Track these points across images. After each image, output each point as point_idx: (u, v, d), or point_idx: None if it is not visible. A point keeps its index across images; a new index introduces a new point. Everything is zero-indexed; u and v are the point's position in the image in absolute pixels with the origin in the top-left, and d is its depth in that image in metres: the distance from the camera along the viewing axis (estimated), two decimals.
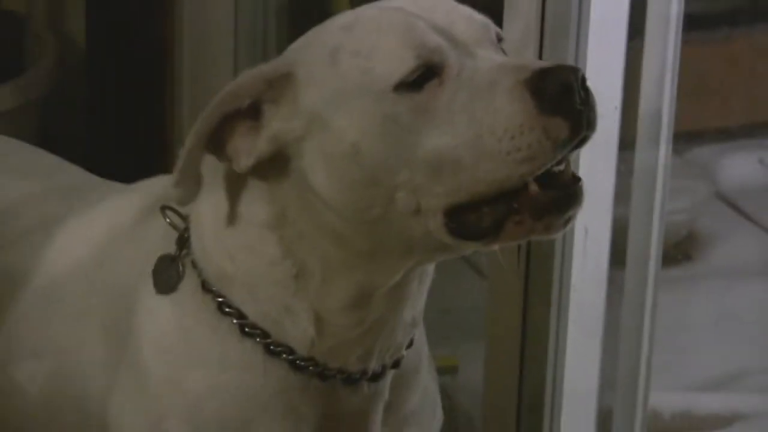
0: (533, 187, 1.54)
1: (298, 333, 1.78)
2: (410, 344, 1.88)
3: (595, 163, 2.06)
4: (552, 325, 2.19)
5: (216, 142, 1.71)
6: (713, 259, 3.70)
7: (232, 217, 1.79)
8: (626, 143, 2.10)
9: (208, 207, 1.80)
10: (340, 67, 1.67)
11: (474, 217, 1.60)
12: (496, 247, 1.63)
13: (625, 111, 2.08)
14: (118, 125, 3.22)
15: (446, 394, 2.74)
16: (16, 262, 2.01)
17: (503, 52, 1.68)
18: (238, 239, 1.79)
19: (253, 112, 1.70)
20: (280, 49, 2.90)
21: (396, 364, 1.86)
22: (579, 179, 1.57)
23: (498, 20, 1.94)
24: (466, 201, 1.58)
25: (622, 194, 2.13)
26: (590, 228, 2.12)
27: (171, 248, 1.85)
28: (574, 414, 2.26)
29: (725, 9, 3.71)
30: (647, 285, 2.15)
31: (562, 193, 1.57)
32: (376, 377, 1.83)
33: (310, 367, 1.80)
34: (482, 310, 2.34)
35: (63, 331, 1.95)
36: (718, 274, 3.58)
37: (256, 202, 1.77)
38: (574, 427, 2.27)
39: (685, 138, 2.07)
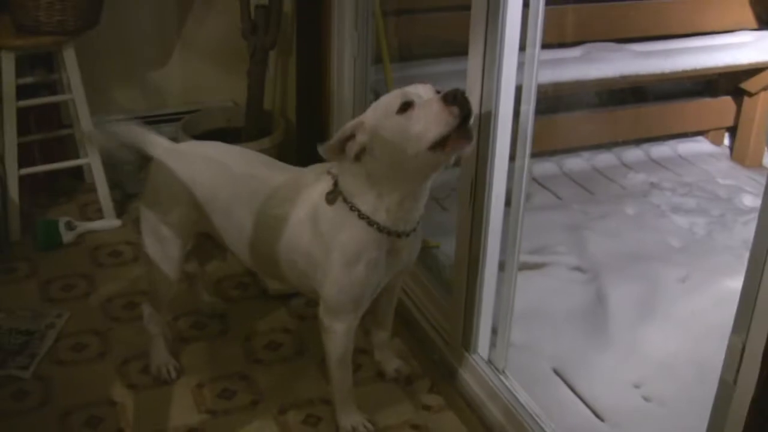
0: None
1: (381, 216, 2.09)
2: (417, 225, 2.19)
3: (501, 167, 2.24)
4: (484, 227, 2.32)
5: (340, 149, 2.04)
6: (533, 201, 3.71)
7: (354, 175, 2.07)
8: (512, 158, 2.22)
9: (345, 176, 2.09)
10: (379, 110, 2.00)
11: (439, 144, 1.92)
12: (451, 159, 2.00)
13: (512, 146, 2.21)
14: (304, 155, 2.89)
15: (436, 258, 3.02)
16: (285, 211, 2.23)
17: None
18: (357, 183, 2.08)
19: (352, 136, 2.03)
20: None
21: (414, 230, 2.18)
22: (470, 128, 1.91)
23: None
24: (434, 140, 1.92)
25: (510, 179, 2.25)
26: (497, 192, 2.27)
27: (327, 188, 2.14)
28: (492, 263, 2.37)
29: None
30: (519, 209, 2.26)
31: (465, 128, 1.91)
32: (408, 234, 2.16)
33: (385, 230, 2.11)
34: (453, 222, 2.47)
35: (304, 238, 2.20)
36: (537, 208, 3.62)
37: (359, 170, 2.06)
38: (491, 267, 2.38)
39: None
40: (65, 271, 3.24)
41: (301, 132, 3.58)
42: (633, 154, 4.29)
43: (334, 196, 2.13)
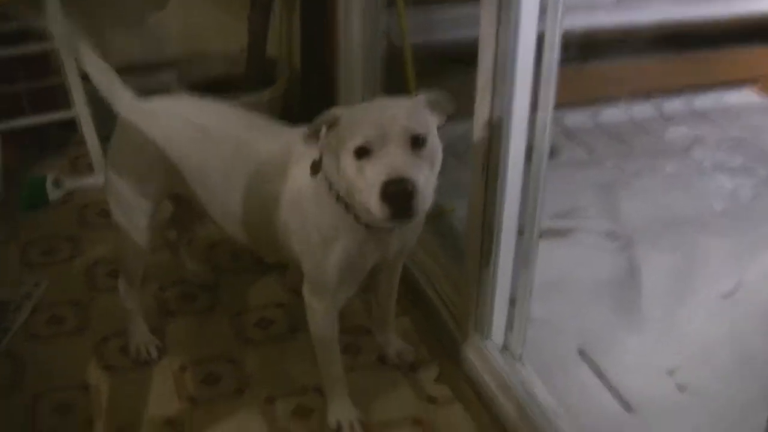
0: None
1: (357, 206, 1.81)
2: None
3: (520, 119, 1.99)
4: (499, 190, 2.09)
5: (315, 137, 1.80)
6: (561, 157, 3.51)
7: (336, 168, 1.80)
8: (534, 109, 1.97)
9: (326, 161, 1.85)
10: (345, 130, 1.73)
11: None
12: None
13: (533, 99, 1.98)
14: (310, 107, 2.93)
15: (451, 225, 2.79)
16: (278, 187, 2.00)
17: (416, 139, 1.69)
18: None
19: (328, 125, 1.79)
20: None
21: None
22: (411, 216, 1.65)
23: None
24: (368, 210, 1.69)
25: (532, 129, 1.99)
26: (516, 147, 2.02)
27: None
28: (509, 230, 2.15)
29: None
30: (541, 168, 2.00)
31: (398, 220, 1.66)
32: (393, 228, 1.92)
33: (364, 222, 1.87)
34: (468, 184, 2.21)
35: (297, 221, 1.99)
36: (565, 164, 3.43)
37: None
38: (508, 235, 2.14)
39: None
40: (49, 232, 3.05)
41: (306, 81, 3.38)
42: (674, 105, 4.03)
43: (317, 167, 1.88)
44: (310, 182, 1.92)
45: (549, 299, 2.52)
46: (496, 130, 2.05)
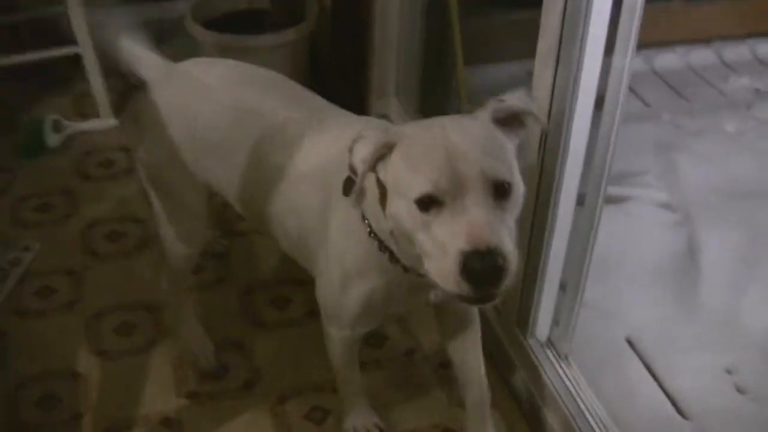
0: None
1: (394, 247, 1.46)
2: None
3: (593, 62, 1.66)
4: (562, 148, 1.77)
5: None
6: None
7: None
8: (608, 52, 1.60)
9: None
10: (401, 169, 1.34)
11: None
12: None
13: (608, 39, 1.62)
14: (341, 49, 2.88)
15: None
16: (284, 159, 1.66)
17: (500, 187, 1.28)
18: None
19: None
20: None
21: None
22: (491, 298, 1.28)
23: None
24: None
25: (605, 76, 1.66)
26: (584, 90, 1.70)
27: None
28: (567, 200, 1.85)
29: None
30: (613, 124, 1.70)
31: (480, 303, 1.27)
32: None
33: (401, 264, 1.48)
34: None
35: (304, 201, 1.64)
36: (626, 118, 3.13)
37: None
38: (566, 205, 1.86)
39: None
40: (44, 185, 2.77)
41: (336, 20, 3.04)
42: (736, 51, 3.71)
43: (350, 186, 1.43)
44: (339, 191, 1.47)
45: (596, 280, 2.14)
46: (563, 74, 1.73)
